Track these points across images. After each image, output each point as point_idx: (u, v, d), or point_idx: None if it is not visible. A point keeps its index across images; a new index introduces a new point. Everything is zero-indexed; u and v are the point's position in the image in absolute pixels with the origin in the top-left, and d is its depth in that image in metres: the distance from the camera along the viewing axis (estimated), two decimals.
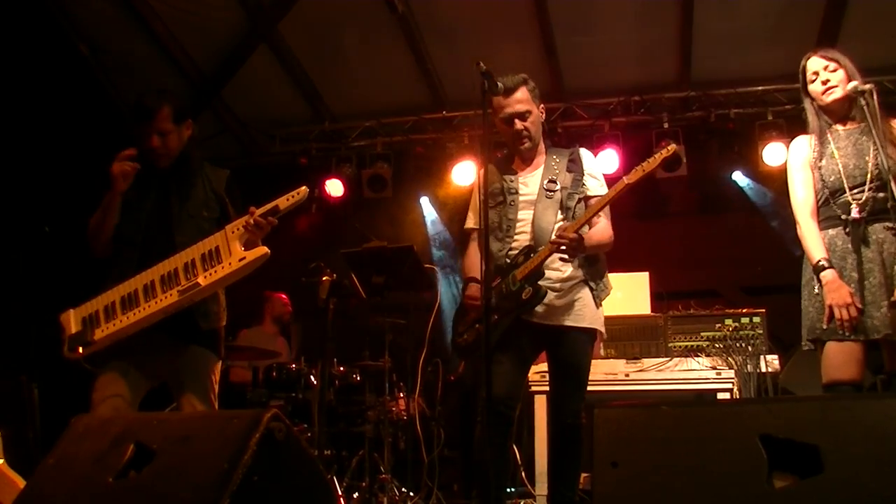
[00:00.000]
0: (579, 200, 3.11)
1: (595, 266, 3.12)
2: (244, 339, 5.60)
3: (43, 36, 5.53)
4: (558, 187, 3.09)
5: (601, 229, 3.08)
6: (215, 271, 2.71)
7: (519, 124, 3.09)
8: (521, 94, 3.09)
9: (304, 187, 2.77)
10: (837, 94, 2.83)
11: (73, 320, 2.79)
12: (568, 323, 3.01)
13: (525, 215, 3.10)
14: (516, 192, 3.13)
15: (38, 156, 5.37)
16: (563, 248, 2.89)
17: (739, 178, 6.46)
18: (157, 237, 2.87)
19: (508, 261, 3.05)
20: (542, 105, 3.20)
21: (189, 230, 2.88)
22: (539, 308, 2.98)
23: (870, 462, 1.52)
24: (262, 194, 2.86)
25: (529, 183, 3.15)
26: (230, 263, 2.71)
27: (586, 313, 3.03)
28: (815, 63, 2.91)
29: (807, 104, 2.96)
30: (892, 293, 2.65)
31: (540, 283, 2.96)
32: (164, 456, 1.82)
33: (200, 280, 2.71)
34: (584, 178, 3.14)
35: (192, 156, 3.02)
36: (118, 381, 2.78)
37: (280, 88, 6.46)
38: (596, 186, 3.16)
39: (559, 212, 3.07)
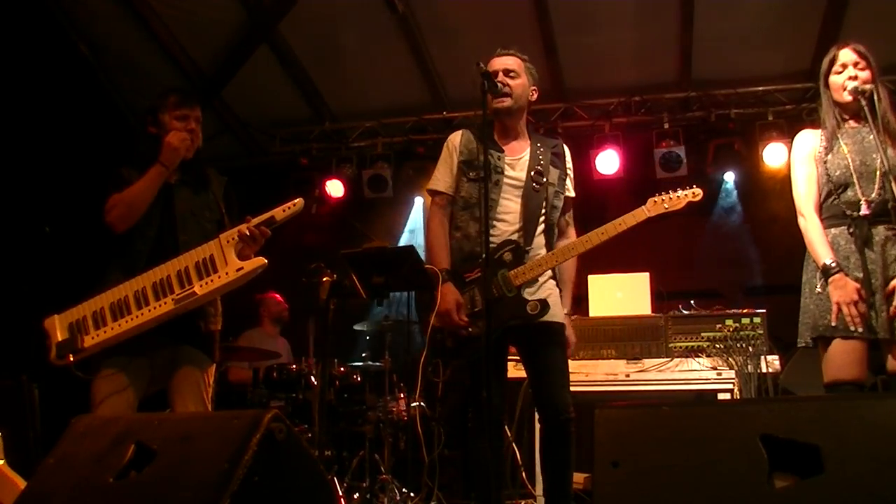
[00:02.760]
0: (563, 201, 3.12)
1: None
2: (245, 340, 5.60)
3: (43, 36, 5.53)
4: (545, 181, 3.04)
5: (573, 264, 3.13)
6: (211, 280, 2.70)
7: (502, 77, 3.01)
8: (514, 60, 3.09)
9: (300, 199, 2.79)
10: (847, 96, 2.82)
11: (58, 326, 2.77)
12: (546, 319, 2.91)
13: (507, 200, 3.01)
14: (502, 173, 3.03)
15: (39, 156, 5.37)
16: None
17: (729, 178, 6.44)
18: (164, 234, 2.88)
19: (492, 249, 2.89)
20: (535, 88, 3.14)
21: (192, 230, 2.89)
22: None
23: (870, 462, 1.52)
24: (263, 194, 2.88)
25: (516, 167, 3.06)
26: (227, 273, 2.70)
27: (556, 309, 2.98)
28: (846, 55, 2.85)
29: (823, 96, 2.93)
30: (892, 294, 2.65)
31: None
32: (165, 456, 1.82)
33: (196, 289, 2.70)
34: (566, 178, 3.14)
35: (200, 157, 3.06)
36: (118, 378, 2.78)
37: (280, 88, 6.46)
38: (571, 188, 3.18)
39: (543, 207, 3.03)
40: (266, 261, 2.73)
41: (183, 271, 2.73)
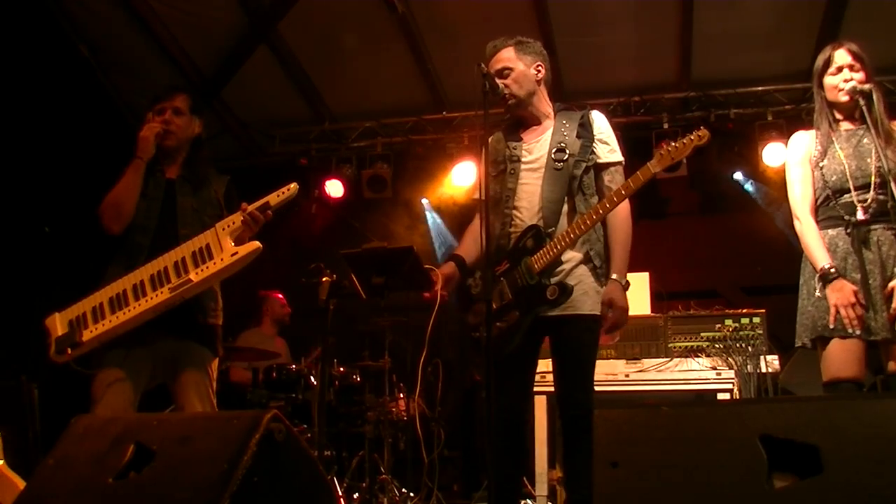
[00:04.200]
0: (587, 169, 2.93)
1: (594, 243, 2.89)
2: (243, 341, 5.60)
3: (43, 36, 5.53)
4: (567, 155, 2.91)
5: (623, 226, 2.89)
6: (207, 267, 2.72)
7: (499, 82, 2.95)
8: (503, 53, 3.03)
9: (294, 184, 2.82)
10: (843, 97, 2.81)
11: (58, 323, 2.78)
12: (568, 312, 2.79)
13: (526, 185, 2.95)
14: (518, 160, 2.99)
15: (38, 156, 5.37)
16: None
17: (740, 178, 6.40)
18: (165, 228, 2.90)
19: (511, 239, 2.90)
20: (538, 64, 3.04)
21: (192, 224, 2.91)
22: None
23: (870, 462, 1.52)
24: (262, 195, 2.87)
25: (534, 150, 3.00)
26: (222, 259, 2.72)
27: (586, 300, 2.82)
28: (841, 57, 2.82)
29: (817, 97, 2.90)
30: (892, 295, 2.65)
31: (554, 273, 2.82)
32: (164, 456, 1.82)
33: (192, 276, 2.71)
34: (594, 143, 2.96)
35: (201, 155, 3.08)
36: (119, 373, 2.78)
37: (280, 88, 6.46)
38: (606, 153, 2.98)
39: (567, 184, 2.89)
40: (260, 244, 2.74)
41: (180, 262, 2.75)
